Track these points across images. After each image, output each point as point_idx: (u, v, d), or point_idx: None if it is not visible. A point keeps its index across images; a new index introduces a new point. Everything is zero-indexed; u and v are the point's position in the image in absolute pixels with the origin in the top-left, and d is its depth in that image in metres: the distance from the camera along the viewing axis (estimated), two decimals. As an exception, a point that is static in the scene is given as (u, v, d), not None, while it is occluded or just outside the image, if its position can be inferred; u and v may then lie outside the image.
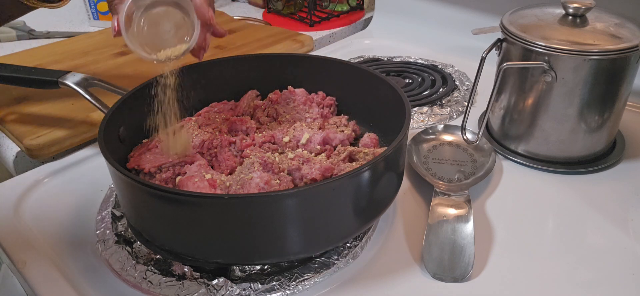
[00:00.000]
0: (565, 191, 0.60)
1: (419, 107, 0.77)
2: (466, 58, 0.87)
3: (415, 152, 0.66)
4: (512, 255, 0.52)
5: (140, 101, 0.62)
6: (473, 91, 0.63)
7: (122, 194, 0.51)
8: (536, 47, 0.59)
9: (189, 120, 0.65)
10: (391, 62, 0.93)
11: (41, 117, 0.74)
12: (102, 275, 0.51)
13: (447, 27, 0.99)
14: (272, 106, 0.68)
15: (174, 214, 0.46)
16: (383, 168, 0.48)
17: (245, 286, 0.47)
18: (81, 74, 0.65)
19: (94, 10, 1.17)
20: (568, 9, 0.61)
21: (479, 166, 0.63)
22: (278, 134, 0.62)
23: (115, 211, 0.57)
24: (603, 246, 0.53)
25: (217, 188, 0.51)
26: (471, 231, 0.52)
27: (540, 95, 0.61)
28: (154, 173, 0.56)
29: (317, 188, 0.45)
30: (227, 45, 1.00)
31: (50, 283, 0.50)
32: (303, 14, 1.17)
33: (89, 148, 0.72)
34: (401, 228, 0.55)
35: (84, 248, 0.54)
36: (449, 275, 0.49)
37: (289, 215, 0.45)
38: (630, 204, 0.58)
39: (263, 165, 0.52)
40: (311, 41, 1.01)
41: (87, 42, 1.04)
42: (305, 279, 0.48)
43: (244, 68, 0.70)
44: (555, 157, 0.64)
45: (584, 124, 0.61)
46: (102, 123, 0.53)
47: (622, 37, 0.58)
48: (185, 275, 0.49)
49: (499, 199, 0.59)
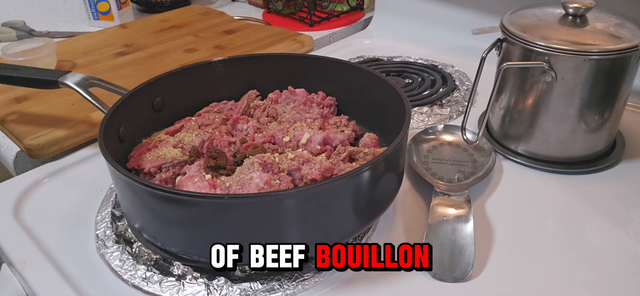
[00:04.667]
0: (565, 191, 0.60)
1: (419, 107, 0.77)
2: (466, 58, 0.87)
3: (415, 152, 0.66)
4: (512, 255, 0.52)
5: (140, 101, 0.62)
6: (473, 91, 0.63)
7: (122, 194, 0.51)
8: (536, 47, 0.59)
9: (189, 120, 0.65)
10: (391, 62, 0.93)
11: (41, 117, 0.74)
12: (102, 275, 0.51)
13: (447, 27, 0.99)
14: (272, 106, 0.68)
15: (174, 214, 0.46)
16: (383, 168, 0.48)
17: (245, 286, 0.47)
18: (81, 74, 0.65)
19: (94, 10, 1.17)
20: (568, 9, 0.61)
21: (479, 166, 0.63)
22: (278, 134, 0.62)
23: (115, 211, 0.57)
24: (603, 246, 0.53)
25: (217, 188, 0.51)
26: (471, 231, 0.52)
27: (540, 95, 0.61)
28: (154, 173, 0.56)
29: (317, 188, 0.45)
30: (227, 45, 1.00)
31: (50, 283, 0.50)
32: (303, 14, 1.17)
33: (89, 148, 0.72)
34: (401, 228, 0.55)
35: (84, 248, 0.54)
36: (449, 275, 0.49)
37: (289, 215, 0.45)
38: (630, 204, 0.58)
39: (263, 165, 0.52)
40: (311, 41, 1.01)
41: (87, 42, 1.04)
42: (305, 279, 0.48)
43: (244, 68, 0.70)
44: (555, 157, 0.64)
45: (584, 124, 0.61)
46: (102, 123, 0.53)
47: (622, 37, 0.58)
48: (185, 275, 0.49)
49: (499, 199, 0.59)
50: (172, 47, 1.00)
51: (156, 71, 0.89)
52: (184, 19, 1.15)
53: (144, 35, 1.06)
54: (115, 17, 1.17)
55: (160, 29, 1.09)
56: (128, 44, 1.02)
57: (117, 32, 1.09)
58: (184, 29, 1.09)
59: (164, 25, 1.12)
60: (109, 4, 1.16)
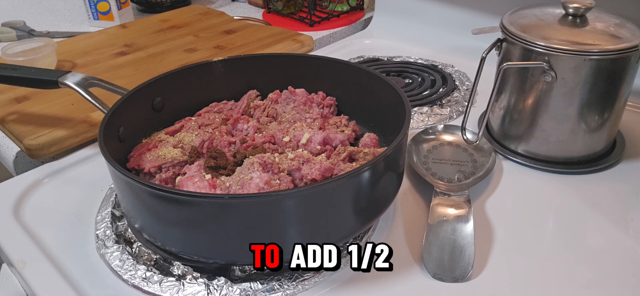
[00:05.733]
0: (565, 191, 0.60)
1: (419, 107, 0.77)
2: (466, 58, 0.87)
3: (415, 152, 0.66)
4: (512, 255, 0.52)
5: (140, 101, 0.62)
6: (473, 91, 0.63)
7: (122, 194, 0.51)
8: (536, 47, 0.59)
9: (189, 120, 0.65)
10: (391, 62, 0.93)
11: (41, 117, 0.74)
12: (102, 275, 0.51)
13: (447, 27, 0.99)
14: (272, 106, 0.68)
15: (174, 214, 0.46)
16: (383, 168, 0.48)
17: (245, 286, 0.47)
18: (81, 74, 0.65)
19: (94, 10, 1.17)
20: (568, 9, 0.61)
21: (479, 166, 0.63)
22: (278, 134, 0.62)
23: (115, 211, 0.57)
24: (603, 246, 0.53)
25: (217, 188, 0.51)
26: (471, 231, 0.52)
27: (540, 95, 0.61)
28: (154, 173, 0.56)
29: (317, 188, 0.45)
30: (227, 45, 1.00)
31: (50, 283, 0.50)
32: (303, 14, 1.17)
33: (89, 148, 0.72)
34: (401, 228, 0.55)
35: (84, 248, 0.54)
36: (449, 275, 0.49)
37: (289, 215, 0.45)
38: (630, 204, 0.58)
39: (263, 165, 0.52)
40: (311, 41, 1.01)
41: (87, 42, 1.04)
42: (305, 279, 0.48)
43: (244, 68, 0.70)
44: (555, 157, 0.64)
45: (584, 124, 0.61)
46: (102, 123, 0.53)
47: (622, 37, 0.58)
48: (185, 275, 0.49)
49: (499, 199, 0.59)
50: (172, 47, 1.00)
51: (156, 71, 0.89)
52: (184, 19, 1.15)
53: (144, 35, 1.06)
54: (115, 17, 1.17)
55: (160, 29, 1.09)
56: (128, 44, 1.02)
57: (117, 32, 1.09)
58: (184, 29, 1.09)
59: (164, 25, 1.12)
60: (109, 4, 1.16)
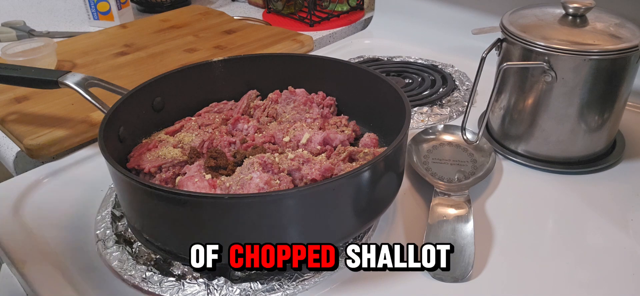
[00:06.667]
0: (565, 191, 0.60)
1: (419, 107, 0.77)
2: (466, 58, 0.87)
3: (415, 152, 0.66)
4: (512, 255, 0.52)
5: (140, 101, 0.62)
6: (473, 91, 0.63)
7: (122, 194, 0.51)
8: (536, 47, 0.59)
9: (189, 120, 0.65)
10: (391, 62, 0.93)
11: (41, 117, 0.74)
12: (102, 275, 0.51)
13: (447, 27, 0.99)
14: (272, 106, 0.68)
15: (174, 214, 0.46)
16: (383, 168, 0.48)
17: (245, 286, 0.47)
18: (81, 74, 0.65)
19: (94, 10, 1.17)
20: (568, 9, 0.61)
21: (479, 166, 0.63)
22: (278, 134, 0.62)
23: (115, 211, 0.57)
24: (603, 246, 0.53)
25: (217, 188, 0.51)
26: (471, 231, 0.52)
27: (540, 95, 0.61)
28: (154, 173, 0.56)
29: (317, 188, 0.45)
30: (227, 45, 1.00)
31: (50, 283, 0.50)
32: (303, 14, 1.17)
33: (89, 148, 0.72)
34: (401, 228, 0.55)
35: (84, 248, 0.54)
36: (448, 275, 0.49)
37: (289, 215, 0.45)
38: (630, 204, 0.58)
39: (263, 165, 0.52)
40: (311, 41, 1.01)
41: (87, 42, 1.04)
42: (305, 279, 0.48)
43: (244, 68, 0.70)
44: (555, 157, 0.64)
45: (584, 124, 0.61)
46: (102, 123, 0.53)
47: (622, 37, 0.58)
48: (185, 275, 0.49)
49: (499, 199, 0.59)
50: (172, 47, 1.00)
51: (156, 71, 0.89)
52: (184, 19, 1.15)
53: (144, 35, 1.06)
54: (115, 17, 1.17)
55: (160, 29, 1.09)
56: (128, 44, 1.02)
57: (117, 32, 1.09)
58: (184, 29, 1.09)
59: (164, 25, 1.12)
60: (109, 4, 1.16)
